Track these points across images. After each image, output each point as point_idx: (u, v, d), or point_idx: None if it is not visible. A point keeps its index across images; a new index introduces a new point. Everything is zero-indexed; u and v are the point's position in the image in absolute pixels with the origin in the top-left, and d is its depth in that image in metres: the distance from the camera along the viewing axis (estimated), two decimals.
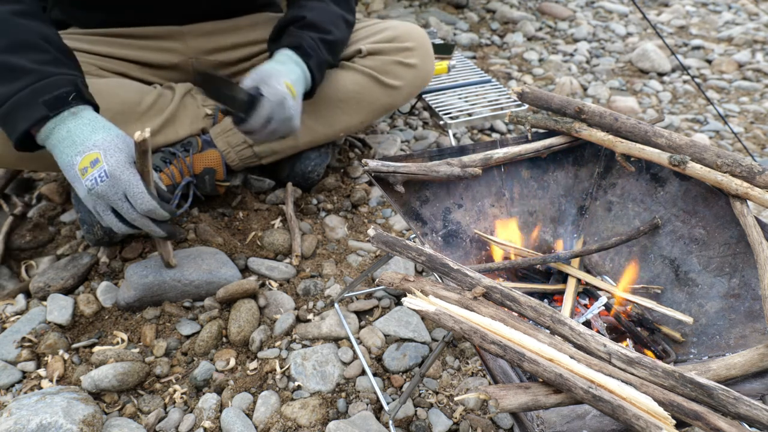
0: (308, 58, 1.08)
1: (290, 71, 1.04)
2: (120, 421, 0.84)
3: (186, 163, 1.19)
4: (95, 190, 0.82)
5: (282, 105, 0.99)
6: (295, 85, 1.04)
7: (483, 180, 1.01)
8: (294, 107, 1.02)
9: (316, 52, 1.09)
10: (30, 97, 0.83)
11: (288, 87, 1.00)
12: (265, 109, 0.98)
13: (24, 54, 0.86)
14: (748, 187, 0.81)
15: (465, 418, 0.90)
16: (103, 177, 0.82)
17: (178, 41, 1.22)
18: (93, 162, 0.82)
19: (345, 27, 1.20)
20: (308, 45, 1.08)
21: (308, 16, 1.11)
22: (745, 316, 0.82)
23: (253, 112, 0.98)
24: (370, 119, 1.31)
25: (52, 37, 0.91)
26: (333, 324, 1.03)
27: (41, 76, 0.85)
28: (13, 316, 1.02)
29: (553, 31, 2.61)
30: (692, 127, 1.94)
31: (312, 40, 1.09)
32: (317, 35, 1.10)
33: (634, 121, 0.93)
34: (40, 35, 0.89)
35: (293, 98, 1.02)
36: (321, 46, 1.10)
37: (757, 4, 3.07)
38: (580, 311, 0.95)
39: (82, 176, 0.83)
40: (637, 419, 0.51)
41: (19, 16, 0.89)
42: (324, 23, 1.13)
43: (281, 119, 1.01)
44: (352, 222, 1.33)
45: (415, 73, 1.30)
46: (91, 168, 0.82)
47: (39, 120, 0.84)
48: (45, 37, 0.89)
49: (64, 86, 0.85)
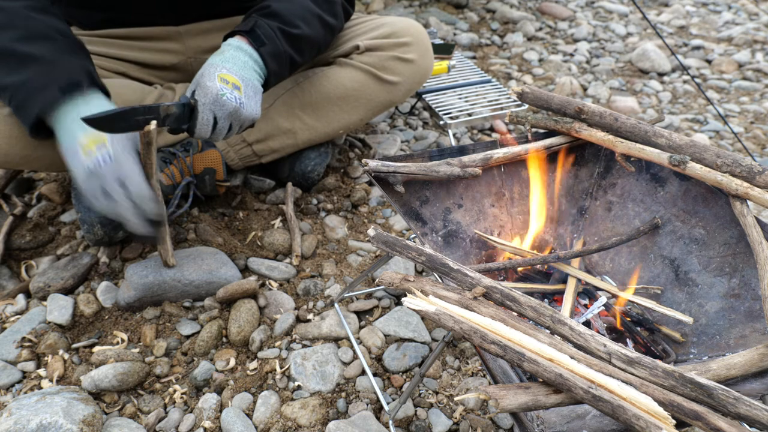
0: (260, 45, 0.99)
1: (228, 59, 0.96)
2: (120, 421, 0.84)
3: (186, 163, 1.19)
4: (97, 170, 0.84)
5: (218, 102, 0.92)
6: (238, 72, 0.95)
7: (483, 180, 1.01)
8: (237, 97, 0.93)
9: (272, 40, 1.00)
10: (44, 82, 0.86)
11: (224, 78, 0.93)
12: (204, 113, 0.92)
13: (38, 44, 0.88)
14: (748, 187, 0.81)
15: (465, 418, 0.90)
16: (107, 159, 0.84)
17: (176, 42, 1.22)
18: (99, 145, 0.84)
19: (320, 26, 1.12)
20: (263, 32, 0.99)
21: (273, 6, 1.04)
22: (745, 316, 0.82)
23: (195, 120, 0.93)
24: (370, 116, 1.31)
25: (64, 30, 0.93)
26: (333, 324, 1.03)
27: (55, 63, 0.87)
28: (13, 316, 1.02)
29: (553, 31, 2.61)
30: (692, 127, 1.94)
31: (270, 29, 1.00)
32: (277, 24, 1.02)
33: (634, 121, 0.93)
34: (54, 28, 0.91)
35: (234, 87, 0.94)
36: (280, 36, 1.02)
37: (757, 4, 3.07)
38: (580, 311, 0.95)
39: (84, 155, 0.84)
40: (637, 419, 0.51)
41: (33, 11, 0.91)
42: (290, 15, 1.05)
43: (226, 115, 0.94)
44: (352, 222, 1.33)
45: (414, 69, 1.29)
46: (96, 150, 0.84)
47: (51, 103, 0.86)
48: (58, 29, 0.91)
49: (76, 72, 0.88)
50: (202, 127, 0.93)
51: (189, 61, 1.25)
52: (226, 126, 0.96)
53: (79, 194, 1.08)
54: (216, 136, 0.97)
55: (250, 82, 0.97)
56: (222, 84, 0.92)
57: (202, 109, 0.92)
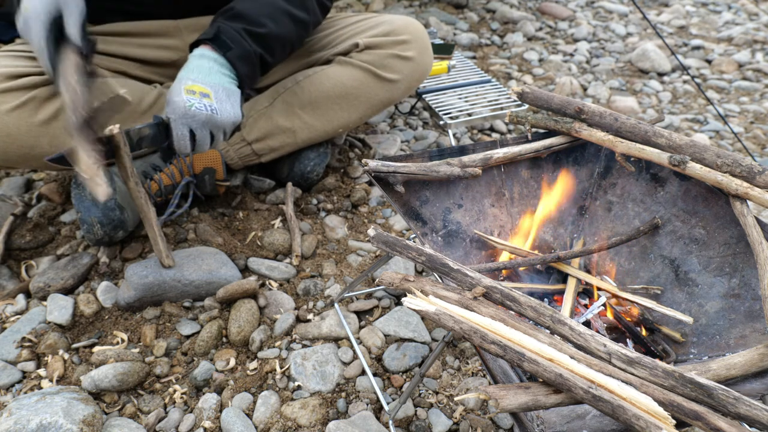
0: (226, 50, 0.98)
1: (192, 70, 0.95)
2: (120, 421, 0.84)
3: (186, 163, 1.19)
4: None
5: (188, 114, 0.92)
6: (204, 80, 0.95)
7: (483, 180, 1.01)
8: (207, 104, 0.93)
9: (238, 43, 0.99)
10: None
11: (190, 90, 0.93)
12: (177, 128, 0.93)
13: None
14: (748, 187, 0.81)
15: (465, 418, 0.90)
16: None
17: (175, 38, 1.22)
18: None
19: (289, 23, 1.10)
20: (228, 36, 0.98)
21: (237, 7, 1.02)
22: (745, 316, 0.82)
23: (172, 139, 0.94)
24: (369, 115, 1.31)
25: None
26: (333, 324, 1.03)
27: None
28: (13, 316, 1.02)
29: (553, 31, 2.61)
30: (692, 127, 1.94)
31: (234, 31, 0.99)
32: (242, 26, 1.01)
33: (634, 121, 0.93)
34: None
35: (203, 96, 0.93)
36: (246, 37, 1.00)
37: (757, 4, 3.07)
38: (580, 311, 0.95)
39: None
40: (637, 419, 0.51)
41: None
42: (255, 15, 1.03)
43: (200, 124, 0.94)
44: (352, 222, 1.33)
45: (413, 67, 1.29)
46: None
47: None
48: None
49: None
50: (179, 141, 0.94)
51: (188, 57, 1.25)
52: (205, 135, 0.96)
53: (79, 194, 1.08)
54: (199, 147, 0.97)
55: (219, 86, 0.96)
56: (188, 96, 0.92)
57: (174, 125, 0.92)
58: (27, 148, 1.01)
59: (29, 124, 1.00)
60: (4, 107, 0.97)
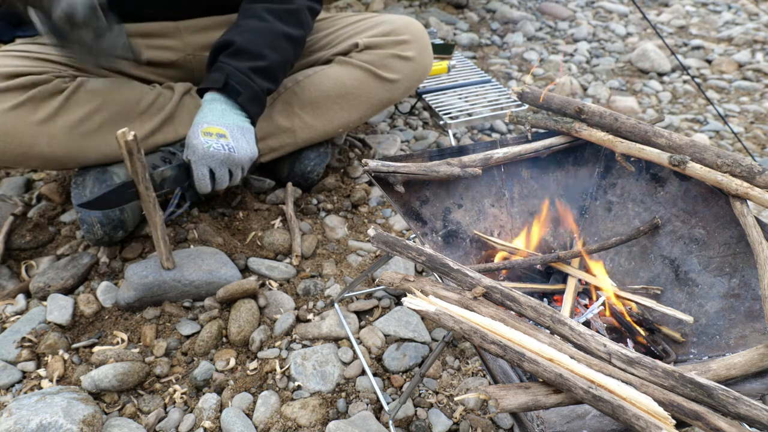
0: (237, 96, 1.02)
1: (206, 113, 1.01)
2: (120, 421, 0.84)
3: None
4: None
5: (207, 155, 0.97)
6: (219, 122, 0.99)
7: (483, 180, 1.01)
8: (225, 144, 0.98)
9: (246, 86, 1.02)
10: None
11: (207, 132, 0.98)
12: (198, 168, 0.98)
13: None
14: (748, 187, 0.81)
15: (465, 418, 0.90)
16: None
17: (175, 38, 1.22)
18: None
19: (287, 45, 1.11)
20: (235, 80, 1.01)
21: (238, 41, 1.04)
22: (745, 316, 0.82)
23: (194, 179, 0.99)
24: (369, 114, 1.31)
25: None
26: (333, 324, 1.03)
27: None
28: (13, 316, 1.02)
29: (553, 31, 2.61)
30: (692, 127, 1.94)
31: (241, 73, 1.02)
32: (247, 65, 1.03)
33: (634, 121, 0.93)
34: None
35: (219, 136, 0.98)
36: (253, 76, 1.03)
37: (757, 4, 3.07)
38: (580, 311, 0.95)
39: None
40: (637, 419, 0.51)
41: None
42: (257, 47, 1.05)
43: (218, 164, 0.99)
44: (352, 222, 1.33)
45: (413, 67, 1.29)
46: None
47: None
48: None
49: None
50: (200, 182, 0.99)
51: (188, 58, 1.25)
52: (224, 173, 1.01)
53: (79, 194, 1.08)
54: (219, 185, 1.02)
55: (234, 125, 1.00)
56: (206, 137, 0.97)
57: (195, 166, 0.98)
58: (26, 147, 1.01)
59: (28, 123, 1.00)
60: (2, 106, 0.97)
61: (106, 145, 1.09)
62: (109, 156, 1.10)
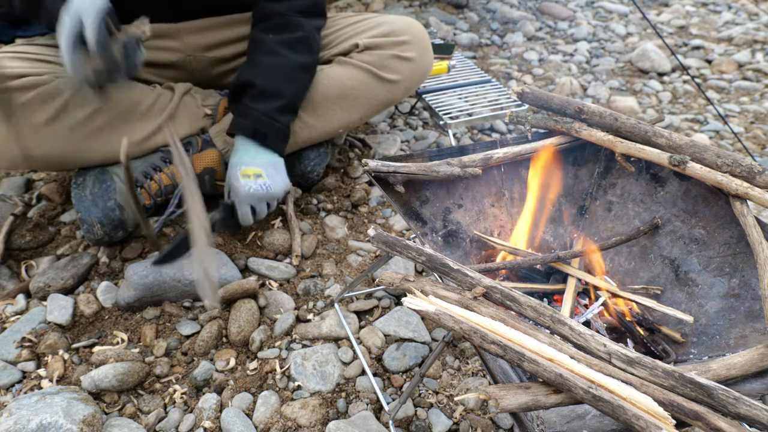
0: (264, 139, 1.09)
1: (242, 156, 1.09)
2: (120, 421, 0.84)
3: None
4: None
5: (248, 195, 1.06)
6: (254, 162, 1.08)
7: (483, 180, 1.01)
8: (262, 183, 1.07)
9: (272, 128, 1.10)
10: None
11: (245, 174, 1.07)
12: (242, 208, 1.08)
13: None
14: (748, 187, 0.80)
15: (465, 418, 0.90)
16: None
17: (175, 39, 1.22)
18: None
19: (303, 75, 1.18)
20: (263, 125, 1.09)
21: (258, 83, 1.09)
22: (745, 316, 0.82)
23: (238, 218, 1.09)
24: (369, 115, 1.31)
25: None
26: (333, 324, 1.03)
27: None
28: (13, 316, 1.02)
29: (553, 31, 2.61)
30: (692, 127, 1.94)
31: (265, 116, 1.09)
32: (271, 106, 1.09)
33: (634, 121, 0.93)
34: None
35: (256, 176, 1.07)
36: (277, 116, 1.10)
37: (757, 4, 3.07)
38: (580, 311, 0.95)
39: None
40: (637, 419, 0.51)
41: None
42: (276, 86, 1.11)
43: (258, 200, 1.09)
44: (352, 222, 1.33)
45: (413, 67, 1.29)
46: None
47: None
48: None
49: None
50: (244, 218, 1.10)
51: (188, 59, 1.25)
52: (264, 208, 1.12)
53: (79, 194, 1.08)
54: (259, 217, 1.12)
55: (267, 164, 1.10)
56: (245, 180, 1.06)
57: (239, 206, 1.08)
58: (27, 149, 1.01)
59: (30, 125, 1.00)
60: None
61: (107, 146, 1.09)
62: (110, 157, 1.10)
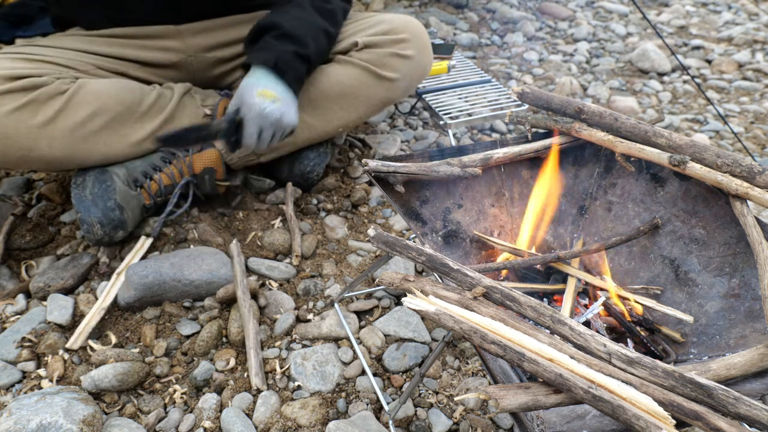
0: (283, 75, 1.08)
1: (261, 78, 1.06)
2: (120, 421, 0.84)
3: (186, 162, 1.19)
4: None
5: (262, 114, 1.03)
6: (273, 88, 1.06)
7: (483, 180, 1.01)
8: (277, 108, 1.05)
9: (291, 66, 1.09)
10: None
11: (262, 94, 1.03)
12: (250, 125, 1.04)
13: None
14: (748, 187, 0.80)
15: (465, 418, 0.90)
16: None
17: (176, 40, 1.22)
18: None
19: (325, 41, 1.18)
20: (283, 60, 1.07)
21: (285, 26, 1.09)
22: (745, 316, 0.82)
23: (241, 132, 1.04)
24: (369, 114, 1.31)
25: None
26: (333, 324, 1.03)
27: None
28: (13, 316, 1.02)
29: (553, 31, 2.61)
30: (692, 127, 1.94)
31: (287, 54, 1.08)
32: (293, 48, 1.09)
33: (634, 121, 0.93)
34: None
35: (273, 100, 1.04)
36: (297, 61, 1.10)
37: (757, 4, 3.07)
38: (580, 311, 0.95)
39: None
40: (637, 419, 0.51)
41: None
42: (302, 35, 1.11)
43: (269, 124, 1.05)
44: (352, 222, 1.33)
45: (412, 65, 1.29)
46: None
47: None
48: None
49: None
50: (248, 138, 1.05)
51: (189, 59, 1.25)
52: (269, 135, 1.07)
53: (79, 194, 1.08)
54: (261, 144, 1.08)
55: (284, 94, 1.07)
56: (261, 98, 1.03)
57: (248, 123, 1.03)
58: (26, 150, 1.01)
59: (29, 126, 1.00)
60: (3, 109, 0.97)
61: (107, 146, 1.09)
62: (110, 158, 1.10)
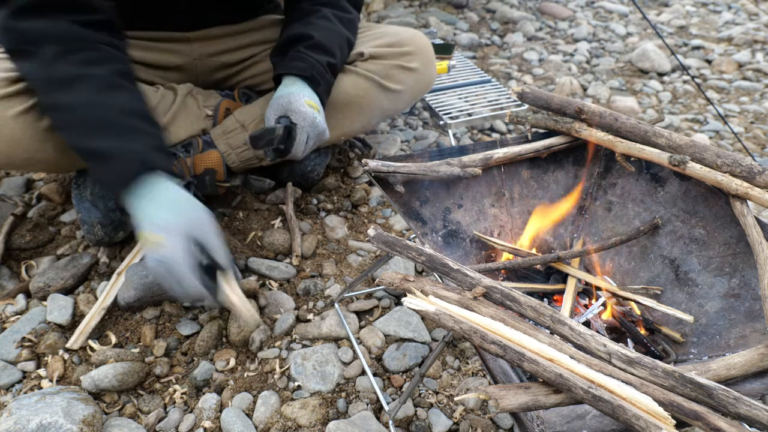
0: (317, 86, 1.10)
1: (301, 88, 1.08)
2: (120, 421, 0.84)
3: (186, 163, 1.19)
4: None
5: (313, 124, 1.06)
6: (312, 98, 1.08)
7: (483, 180, 1.01)
8: (322, 119, 1.08)
9: (324, 77, 1.11)
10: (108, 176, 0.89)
11: (309, 104, 1.06)
12: (302, 134, 1.06)
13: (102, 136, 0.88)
14: (748, 187, 0.80)
15: (465, 418, 0.90)
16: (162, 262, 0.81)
17: (183, 44, 1.23)
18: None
19: (347, 48, 1.21)
20: (317, 72, 1.10)
21: (316, 36, 1.11)
22: (745, 316, 0.82)
23: (293, 141, 1.07)
24: (371, 125, 1.32)
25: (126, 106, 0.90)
26: (333, 324, 1.03)
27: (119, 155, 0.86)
28: (13, 316, 1.02)
29: (553, 31, 2.61)
30: (692, 127, 1.94)
31: (320, 66, 1.10)
32: (325, 59, 1.11)
33: (634, 121, 0.93)
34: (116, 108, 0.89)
35: (318, 111, 1.07)
36: (328, 71, 1.12)
37: (757, 4, 3.07)
38: (580, 311, 0.95)
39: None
40: (637, 419, 0.51)
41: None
42: (331, 45, 1.13)
43: (315, 135, 1.09)
44: (352, 222, 1.33)
45: (417, 78, 1.30)
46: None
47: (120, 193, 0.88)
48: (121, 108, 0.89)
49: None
50: (299, 146, 1.07)
51: (194, 62, 1.25)
52: (312, 144, 1.11)
53: (80, 194, 1.08)
54: (304, 152, 1.11)
55: (320, 105, 1.10)
56: (311, 109, 1.06)
57: (300, 132, 1.06)
58: (32, 152, 1.00)
59: (35, 128, 0.99)
60: (9, 112, 0.97)
61: None
62: None
